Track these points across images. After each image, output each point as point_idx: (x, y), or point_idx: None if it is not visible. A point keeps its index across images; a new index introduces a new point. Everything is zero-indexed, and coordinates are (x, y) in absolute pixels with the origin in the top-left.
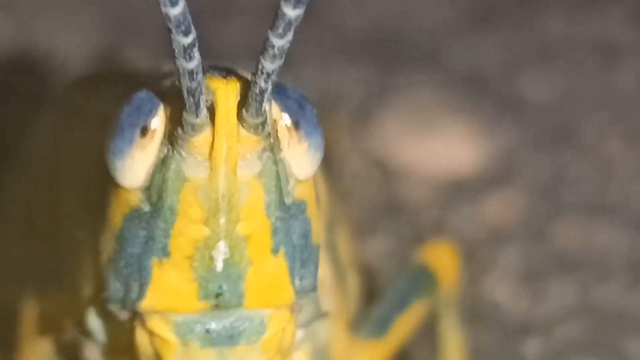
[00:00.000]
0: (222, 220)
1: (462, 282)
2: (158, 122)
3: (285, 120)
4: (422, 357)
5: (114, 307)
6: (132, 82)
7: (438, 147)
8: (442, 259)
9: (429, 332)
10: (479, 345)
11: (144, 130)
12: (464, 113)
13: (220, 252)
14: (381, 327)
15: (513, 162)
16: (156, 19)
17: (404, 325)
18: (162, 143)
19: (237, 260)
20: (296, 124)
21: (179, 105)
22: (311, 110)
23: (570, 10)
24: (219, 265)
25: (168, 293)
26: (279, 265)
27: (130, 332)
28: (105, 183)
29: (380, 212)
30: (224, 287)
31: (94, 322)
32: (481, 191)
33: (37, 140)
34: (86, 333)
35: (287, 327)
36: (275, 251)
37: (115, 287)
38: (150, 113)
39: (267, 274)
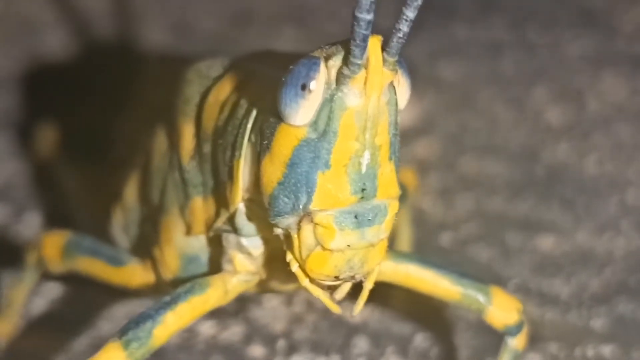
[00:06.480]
0: (368, 135)
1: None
2: (320, 76)
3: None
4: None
5: (279, 219)
6: (284, 58)
7: None
8: (409, 177)
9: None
10: (414, 236)
11: (309, 85)
12: None
13: (365, 159)
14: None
15: (433, 119)
16: (205, 25)
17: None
18: (325, 87)
19: (373, 164)
20: (401, 72)
21: (336, 60)
22: (405, 66)
23: (470, 19)
24: (364, 169)
25: (329, 195)
26: (392, 168)
27: (268, 227)
28: (265, 129)
29: None
30: (367, 184)
31: (241, 219)
32: (413, 138)
33: (145, 97)
34: (234, 227)
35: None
36: (390, 159)
37: (283, 202)
38: (314, 69)
39: (387, 174)
